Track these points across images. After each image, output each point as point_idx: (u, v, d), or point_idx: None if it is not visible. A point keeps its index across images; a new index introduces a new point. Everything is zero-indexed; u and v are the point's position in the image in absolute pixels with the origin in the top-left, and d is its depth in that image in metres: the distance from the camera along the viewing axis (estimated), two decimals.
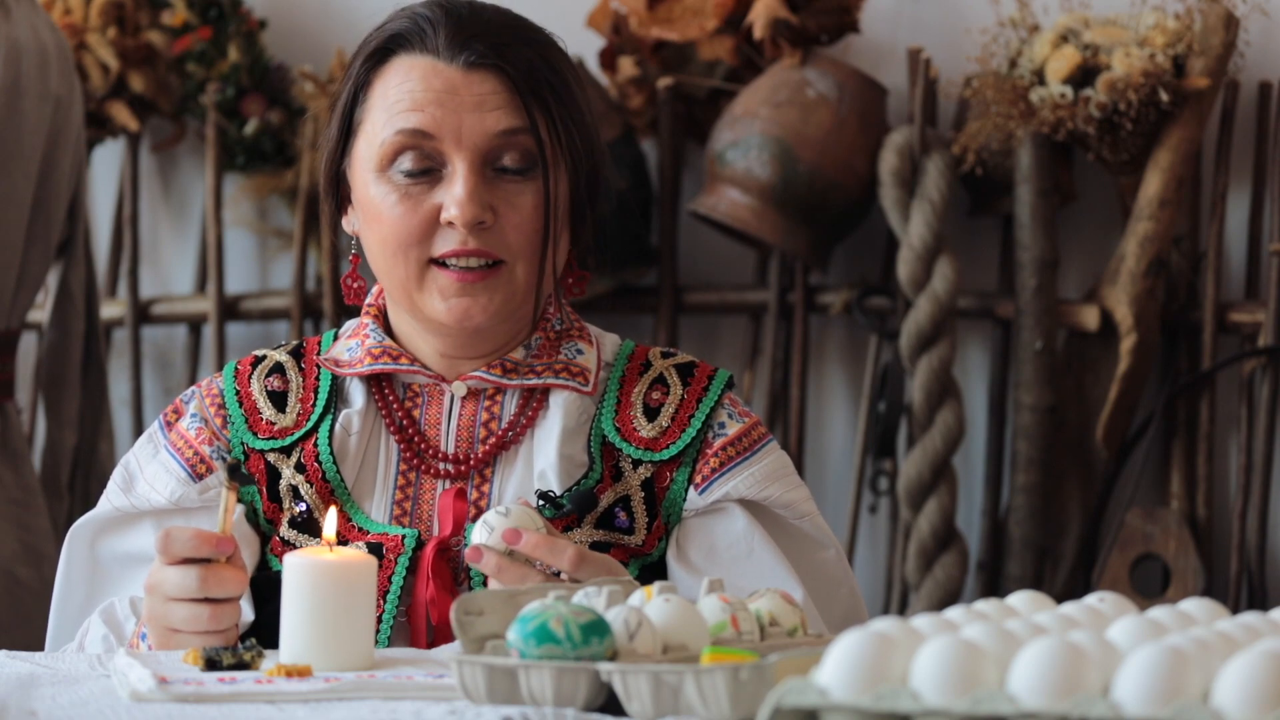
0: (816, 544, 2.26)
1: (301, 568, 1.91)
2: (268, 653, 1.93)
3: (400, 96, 2.18)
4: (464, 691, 1.72)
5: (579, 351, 2.26)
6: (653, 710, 1.65)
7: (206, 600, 2.02)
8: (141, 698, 1.77)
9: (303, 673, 1.85)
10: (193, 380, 4.06)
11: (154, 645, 2.07)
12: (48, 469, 3.50)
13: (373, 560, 1.94)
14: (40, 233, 3.28)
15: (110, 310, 4.02)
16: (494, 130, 2.17)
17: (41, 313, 3.61)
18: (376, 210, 2.19)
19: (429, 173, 2.18)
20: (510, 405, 2.24)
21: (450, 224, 2.16)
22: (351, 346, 2.27)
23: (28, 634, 3.09)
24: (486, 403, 2.24)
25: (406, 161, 2.17)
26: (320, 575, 1.90)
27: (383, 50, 2.22)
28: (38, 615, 3.18)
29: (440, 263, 2.18)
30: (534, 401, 2.24)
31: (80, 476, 3.51)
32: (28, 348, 3.74)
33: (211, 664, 1.88)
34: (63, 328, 3.47)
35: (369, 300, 2.30)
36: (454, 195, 2.16)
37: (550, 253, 2.19)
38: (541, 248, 2.18)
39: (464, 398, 2.24)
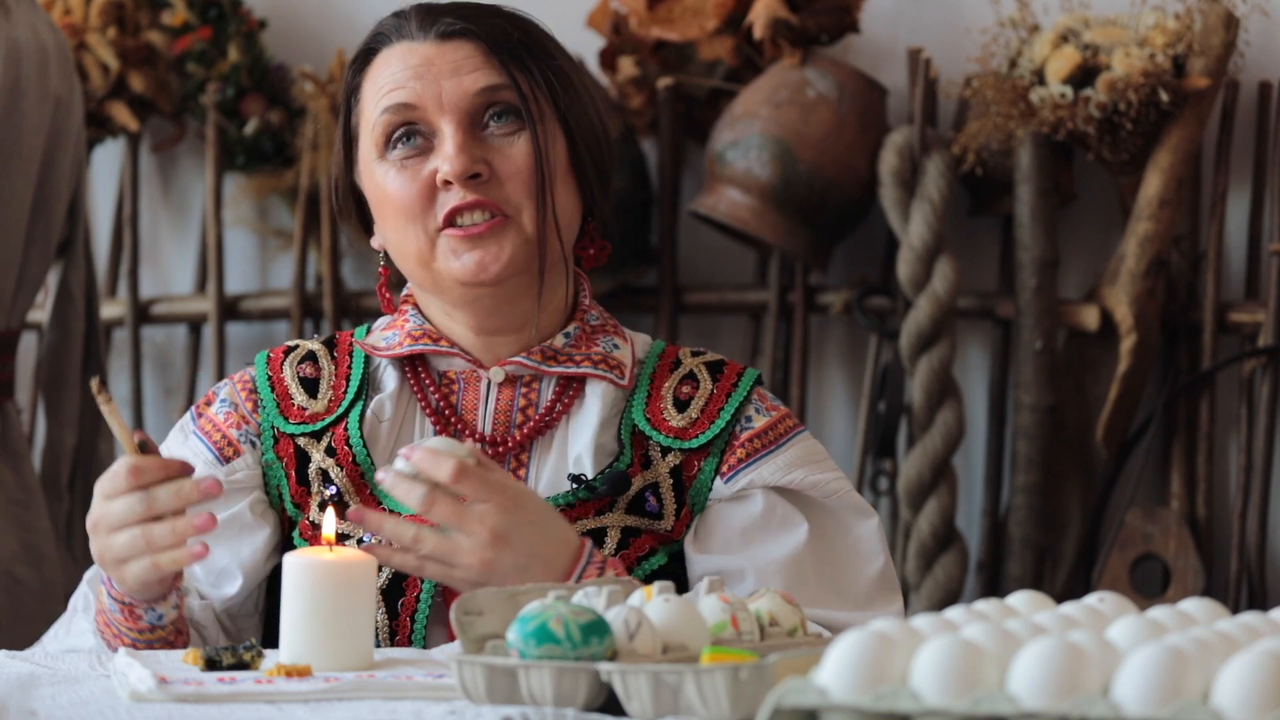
0: (850, 520, 2.27)
1: (301, 568, 1.91)
2: (268, 653, 1.93)
3: (383, 83, 2.25)
4: (464, 691, 1.72)
5: (615, 346, 2.30)
6: (653, 710, 1.65)
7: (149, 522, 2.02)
8: (141, 698, 1.77)
9: (303, 673, 1.85)
10: (192, 380, 4.07)
11: (112, 589, 2.09)
12: (48, 469, 3.49)
13: (372, 560, 1.95)
14: (40, 233, 3.28)
15: (110, 310, 4.02)
16: (472, 90, 2.22)
17: (41, 313, 3.61)
18: (383, 193, 2.24)
19: (420, 140, 2.23)
20: (547, 392, 2.27)
21: (448, 184, 2.20)
22: (389, 335, 2.30)
23: (28, 634, 3.09)
24: (524, 389, 2.27)
25: (398, 137, 2.23)
26: (320, 575, 1.90)
27: (367, 51, 2.30)
28: (38, 615, 3.18)
29: (450, 224, 2.21)
30: (571, 389, 2.26)
31: (80, 476, 3.51)
32: (28, 348, 3.74)
33: (211, 664, 1.88)
34: (63, 328, 3.47)
35: (405, 292, 2.33)
36: (445, 153, 2.21)
37: (549, 197, 2.21)
38: (540, 197, 2.21)
39: (500, 384, 2.26)
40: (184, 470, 2.04)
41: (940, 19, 3.85)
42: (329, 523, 1.99)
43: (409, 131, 2.22)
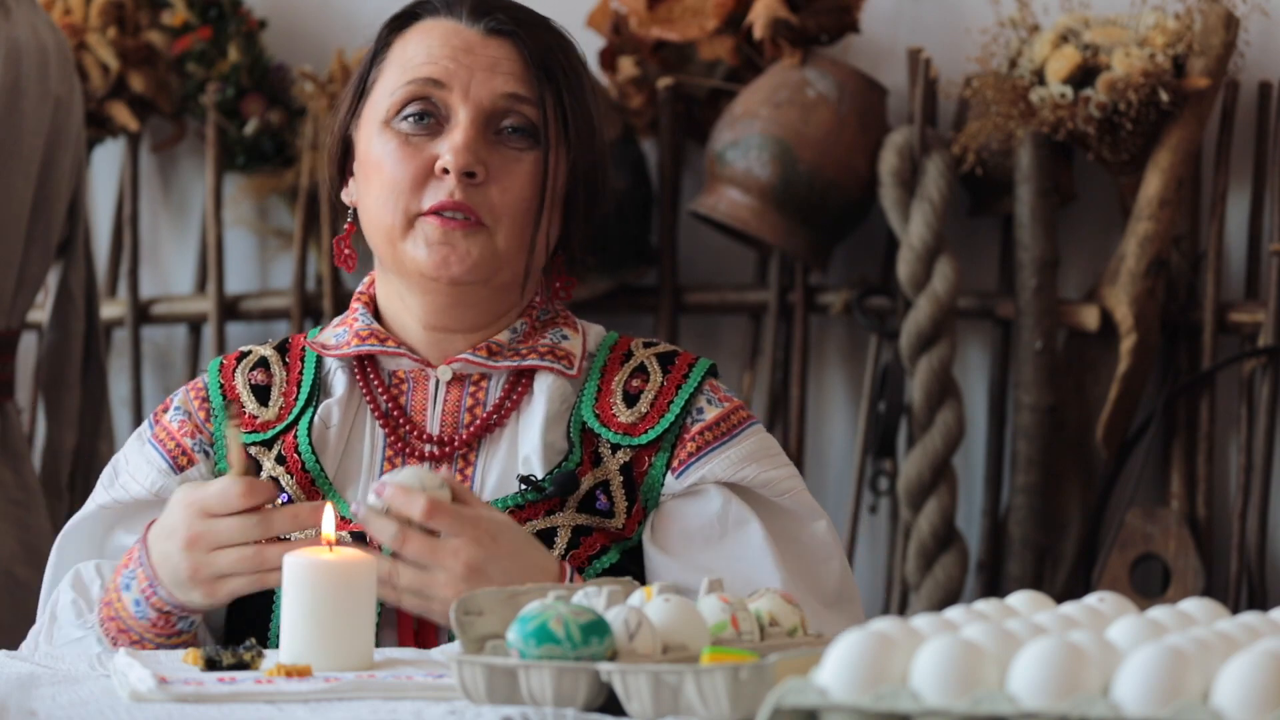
0: (803, 519, 2.26)
1: (301, 568, 1.91)
2: (268, 653, 1.93)
3: (417, 52, 2.25)
4: (464, 691, 1.72)
5: (564, 336, 2.29)
6: (653, 710, 1.65)
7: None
8: (141, 698, 1.77)
9: (303, 673, 1.85)
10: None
11: (154, 596, 2.10)
12: (48, 469, 3.49)
13: (372, 560, 1.95)
14: (40, 233, 3.28)
15: (110, 310, 4.02)
16: (501, 91, 2.22)
17: (41, 313, 3.61)
18: (378, 161, 2.23)
19: (432, 122, 2.22)
20: (496, 389, 2.26)
21: (444, 172, 2.20)
22: (339, 333, 2.30)
23: (28, 634, 3.09)
24: (472, 388, 2.26)
25: (412, 109, 2.23)
26: (320, 575, 1.90)
27: (408, 15, 2.29)
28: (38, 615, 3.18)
29: (433, 211, 2.21)
30: (519, 386, 2.26)
31: (80, 476, 3.51)
32: (28, 348, 3.74)
33: (211, 664, 1.88)
34: (63, 328, 3.47)
35: (359, 289, 2.32)
36: (451, 142, 2.20)
37: (544, 223, 2.22)
38: (535, 218, 2.21)
39: (449, 382, 2.26)
40: (276, 492, 2.11)
41: (940, 19, 3.85)
42: (329, 522, 1.99)
43: (424, 110, 2.22)
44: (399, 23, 2.29)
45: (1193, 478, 3.71)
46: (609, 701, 1.68)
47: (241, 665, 1.89)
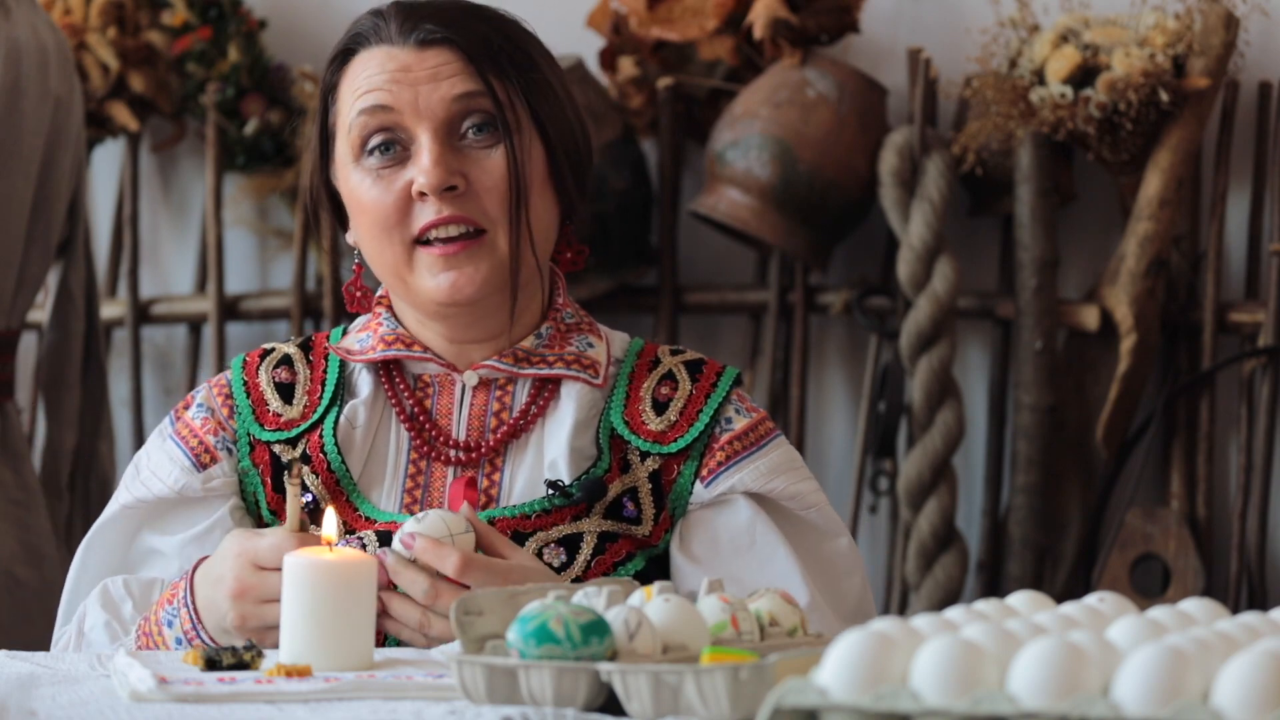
0: (826, 534, 2.27)
1: (301, 568, 1.91)
2: (268, 652, 1.93)
3: (360, 85, 2.24)
4: (464, 691, 1.72)
5: (589, 345, 2.28)
6: (653, 710, 1.65)
7: None
8: (141, 698, 1.77)
9: (303, 673, 1.85)
10: (192, 380, 4.07)
11: (198, 639, 2.11)
12: (48, 469, 3.49)
13: (373, 560, 1.95)
14: (40, 233, 3.28)
15: (110, 310, 4.03)
16: (449, 96, 2.21)
17: (41, 313, 3.61)
18: (359, 201, 2.23)
19: (398, 149, 2.21)
20: (522, 394, 2.26)
21: (423, 195, 2.19)
22: (363, 338, 2.29)
23: (28, 634, 3.09)
24: (498, 392, 2.26)
25: (374, 143, 2.22)
26: (320, 575, 1.90)
27: (344, 52, 2.29)
28: (38, 615, 3.18)
29: (424, 241, 2.20)
30: (545, 391, 2.26)
31: (80, 476, 3.51)
32: (28, 348, 3.74)
33: (211, 664, 1.88)
34: (63, 328, 3.47)
35: (379, 294, 2.32)
36: (421, 165, 2.19)
37: (523, 213, 2.21)
38: (514, 209, 2.20)
39: (475, 387, 2.26)
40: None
41: (940, 19, 3.85)
42: (329, 523, 1.99)
43: (387, 141, 2.21)
44: (339, 62, 2.28)
45: (1193, 478, 3.71)
46: (609, 701, 1.68)
47: (241, 665, 1.89)
